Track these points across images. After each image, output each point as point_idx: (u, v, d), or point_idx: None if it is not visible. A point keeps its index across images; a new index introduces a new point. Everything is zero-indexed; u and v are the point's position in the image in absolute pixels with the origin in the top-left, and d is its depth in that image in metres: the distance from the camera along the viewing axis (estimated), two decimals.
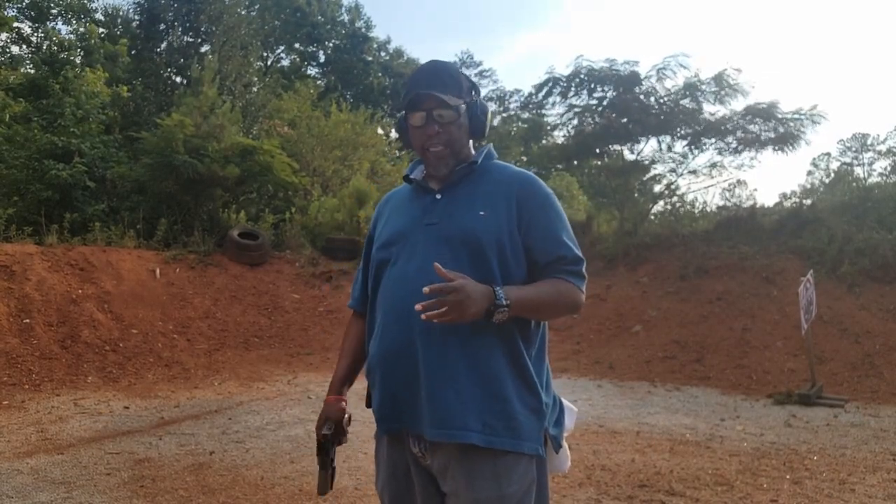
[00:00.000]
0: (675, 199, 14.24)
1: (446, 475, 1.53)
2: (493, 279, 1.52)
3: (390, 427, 1.60)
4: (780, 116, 11.41)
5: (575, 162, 13.48)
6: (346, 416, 1.70)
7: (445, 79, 1.62)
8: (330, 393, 1.74)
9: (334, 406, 1.70)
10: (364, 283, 1.80)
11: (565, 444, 1.67)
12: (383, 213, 1.78)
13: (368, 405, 1.69)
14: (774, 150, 11.72)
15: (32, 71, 14.29)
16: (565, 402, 1.70)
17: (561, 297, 1.57)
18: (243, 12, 17.88)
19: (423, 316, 1.41)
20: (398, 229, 1.66)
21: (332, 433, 1.67)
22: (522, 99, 14.31)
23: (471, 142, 1.70)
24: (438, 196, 1.64)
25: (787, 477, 4.04)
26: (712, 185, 14.28)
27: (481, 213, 1.57)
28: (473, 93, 1.67)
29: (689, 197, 14.73)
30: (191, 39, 16.14)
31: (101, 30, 16.13)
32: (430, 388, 1.50)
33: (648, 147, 12.82)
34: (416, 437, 1.56)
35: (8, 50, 15.61)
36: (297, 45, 27.71)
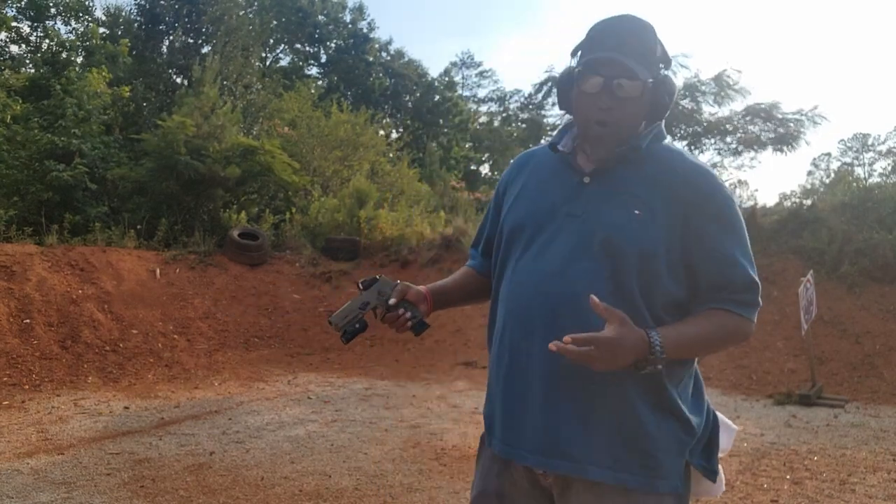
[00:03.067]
0: None
1: (567, 501, 1.31)
2: (631, 295, 1.26)
3: (502, 450, 1.37)
4: (780, 117, 11.41)
5: None
6: (400, 292, 1.47)
7: (637, 44, 1.30)
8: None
9: (415, 290, 1.49)
10: (485, 254, 1.60)
11: (720, 469, 1.39)
12: (519, 178, 1.48)
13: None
14: (774, 150, 11.71)
15: (33, 71, 14.28)
16: (721, 416, 1.42)
17: (727, 337, 1.31)
18: (244, 13, 17.90)
19: (552, 347, 1.16)
20: (535, 211, 1.37)
21: (384, 306, 1.44)
22: (522, 99, 14.30)
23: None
24: (587, 180, 1.34)
25: (788, 477, 4.04)
26: None
27: (636, 212, 1.28)
28: (662, 67, 1.35)
29: None
30: (192, 40, 16.16)
31: (102, 30, 16.12)
32: (547, 411, 1.27)
33: None
34: None
35: (7, 50, 15.60)
36: (298, 46, 27.72)
